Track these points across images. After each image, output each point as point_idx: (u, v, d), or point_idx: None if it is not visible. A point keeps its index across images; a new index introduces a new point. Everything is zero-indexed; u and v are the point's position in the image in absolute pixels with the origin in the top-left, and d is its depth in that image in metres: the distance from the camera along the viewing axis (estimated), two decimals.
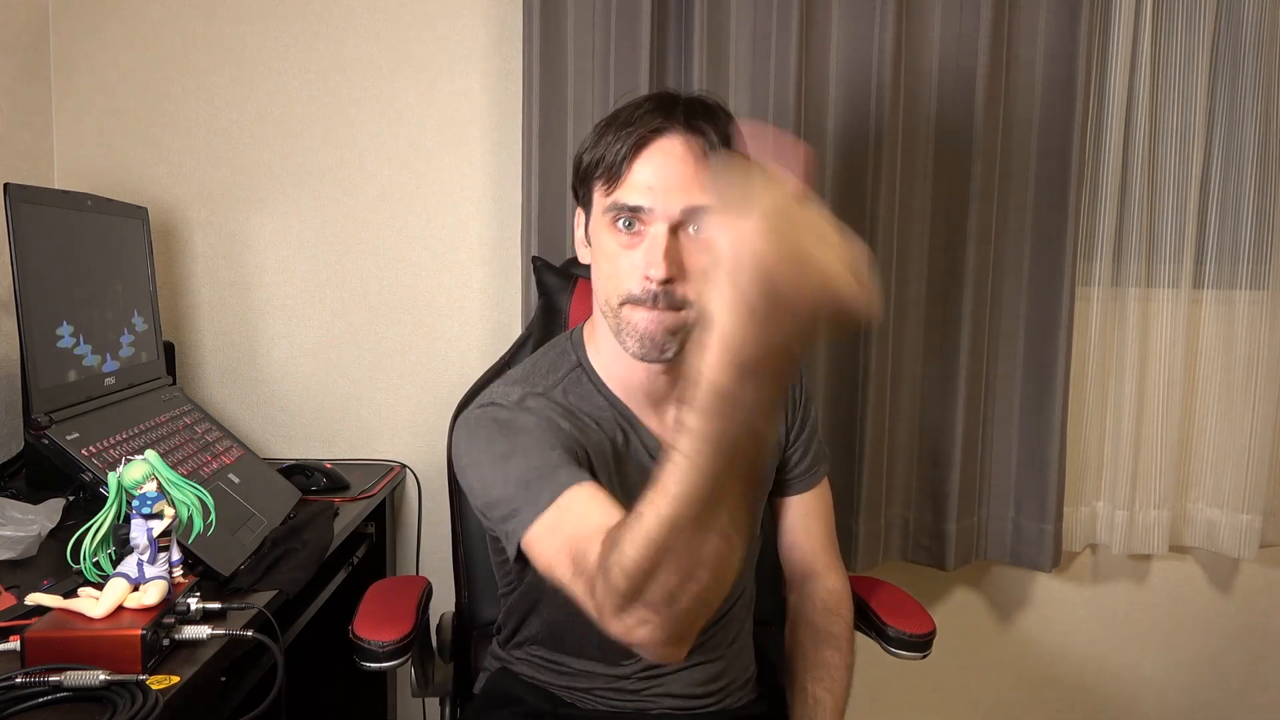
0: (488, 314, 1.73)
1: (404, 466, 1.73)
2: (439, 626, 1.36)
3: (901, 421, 1.69)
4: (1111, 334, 1.76)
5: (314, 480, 1.48)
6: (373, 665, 1.12)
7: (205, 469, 1.26)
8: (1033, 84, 1.63)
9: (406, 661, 1.15)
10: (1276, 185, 1.72)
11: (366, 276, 1.72)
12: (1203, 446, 1.79)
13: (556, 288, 1.39)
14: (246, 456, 1.40)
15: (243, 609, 1.01)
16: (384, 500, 1.61)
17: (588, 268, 1.07)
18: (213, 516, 0.98)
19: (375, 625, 1.15)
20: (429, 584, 1.31)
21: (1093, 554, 1.83)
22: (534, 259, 1.48)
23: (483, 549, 1.22)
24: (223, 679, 1.01)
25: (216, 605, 0.97)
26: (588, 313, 1.13)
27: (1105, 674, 1.84)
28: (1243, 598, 1.84)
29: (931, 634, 1.23)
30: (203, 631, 0.92)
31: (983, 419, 1.70)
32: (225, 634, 0.93)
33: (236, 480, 1.29)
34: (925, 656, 1.23)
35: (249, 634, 0.94)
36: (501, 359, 1.38)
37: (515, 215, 1.65)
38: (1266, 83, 1.69)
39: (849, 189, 1.61)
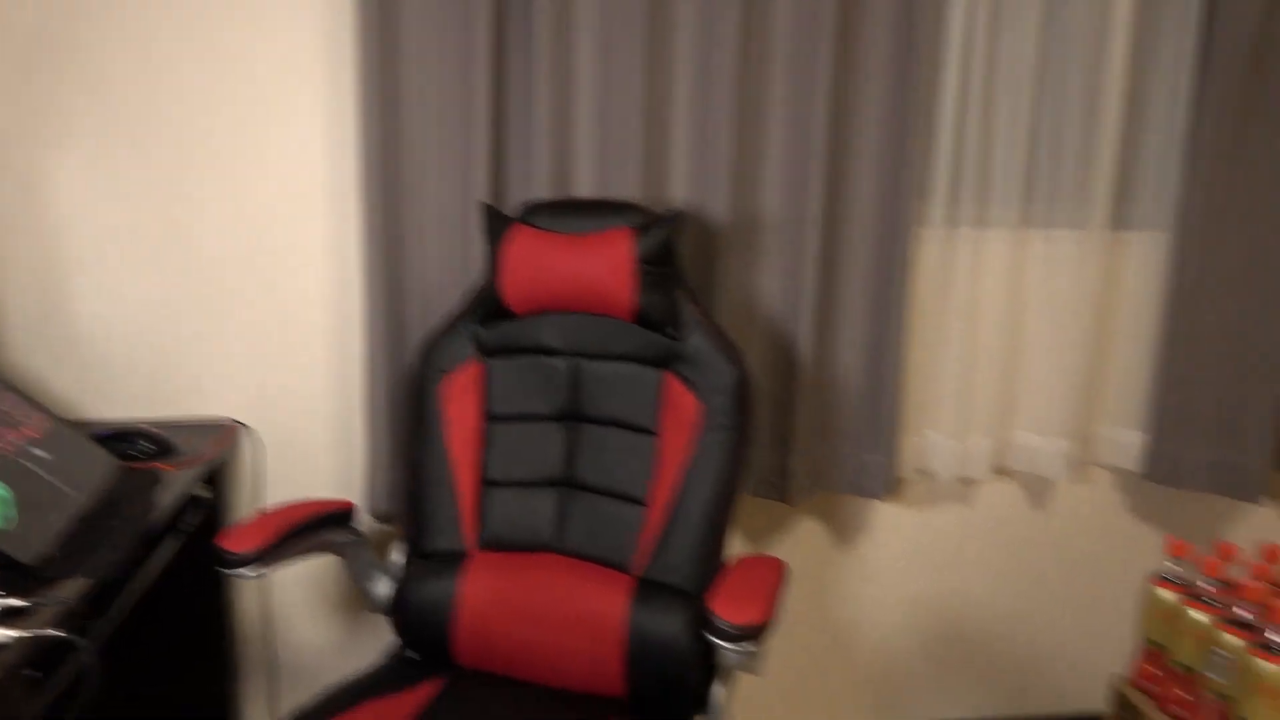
0: (330, 263, 1.65)
1: (242, 424, 1.65)
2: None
3: (751, 364, 1.72)
4: (946, 273, 1.83)
5: (135, 446, 1.39)
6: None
7: (3, 447, 1.16)
8: (875, 36, 1.64)
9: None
10: (1098, 131, 1.80)
11: (196, 225, 1.60)
12: (1025, 378, 1.91)
13: (497, 234, 1.43)
14: (55, 427, 1.30)
15: (45, 605, 0.94)
16: (221, 462, 1.54)
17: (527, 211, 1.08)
18: (10, 511, 0.90)
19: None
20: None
21: (925, 480, 1.94)
22: (484, 205, 1.47)
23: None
24: (38, 674, 0.95)
25: (18, 602, 0.91)
26: (522, 260, 1.19)
27: (938, 591, 1.98)
28: (1058, 515, 2.00)
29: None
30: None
31: (827, 359, 1.75)
32: (25, 635, 0.87)
33: (43, 455, 1.19)
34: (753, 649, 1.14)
35: (53, 633, 0.88)
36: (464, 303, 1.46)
37: (354, 161, 1.57)
38: (1095, 28, 1.76)
39: (701, 132, 1.60)
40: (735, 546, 1.88)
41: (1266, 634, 1.17)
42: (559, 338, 1.45)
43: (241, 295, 1.64)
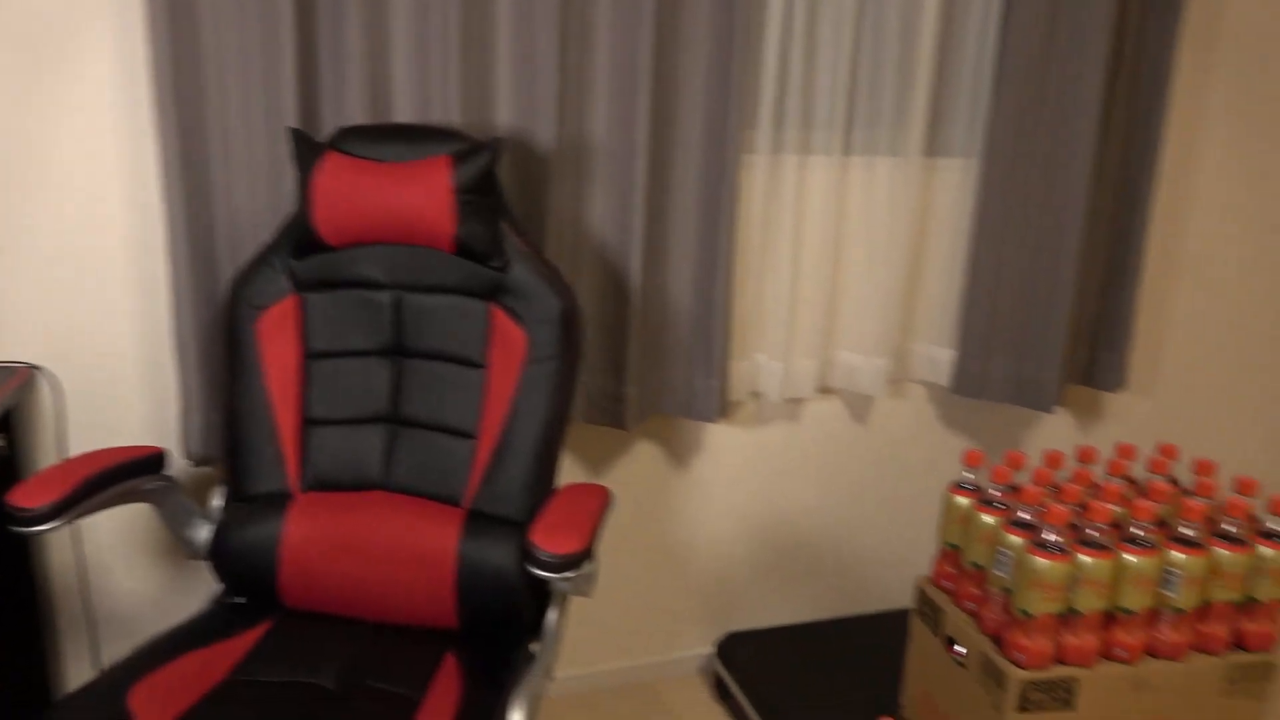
0: (126, 187, 1.52)
1: (36, 368, 1.53)
2: None
3: (581, 293, 1.73)
4: (772, 200, 1.87)
5: None
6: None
7: None
8: None
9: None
10: (915, 60, 1.86)
11: None
12: (847, 301, 2.00)
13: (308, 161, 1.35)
14: None
15: None
16: (11, 409, 1.43)
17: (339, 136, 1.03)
18: None
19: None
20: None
21: (756, 401, 2.01)
22: (292, 130, 1.39)
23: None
24: None
25: None
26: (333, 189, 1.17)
27: (769, 505, 2.08)
28: (877, 428, 2.13)
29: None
30: None
31: (658, 286, 1.77)
32: None
33: None
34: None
35: None
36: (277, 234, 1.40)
37: (146, 79, 1.45)
38: None
39: (525, 57, 1.56)
40: (573, 473, 1.91)
41: (1042, 534, 1.30)
42: (380, 270, 1.41)
43: (26, 225, 1.50)
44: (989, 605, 1.39)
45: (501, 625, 1.36)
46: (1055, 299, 1.97)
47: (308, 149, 1.37)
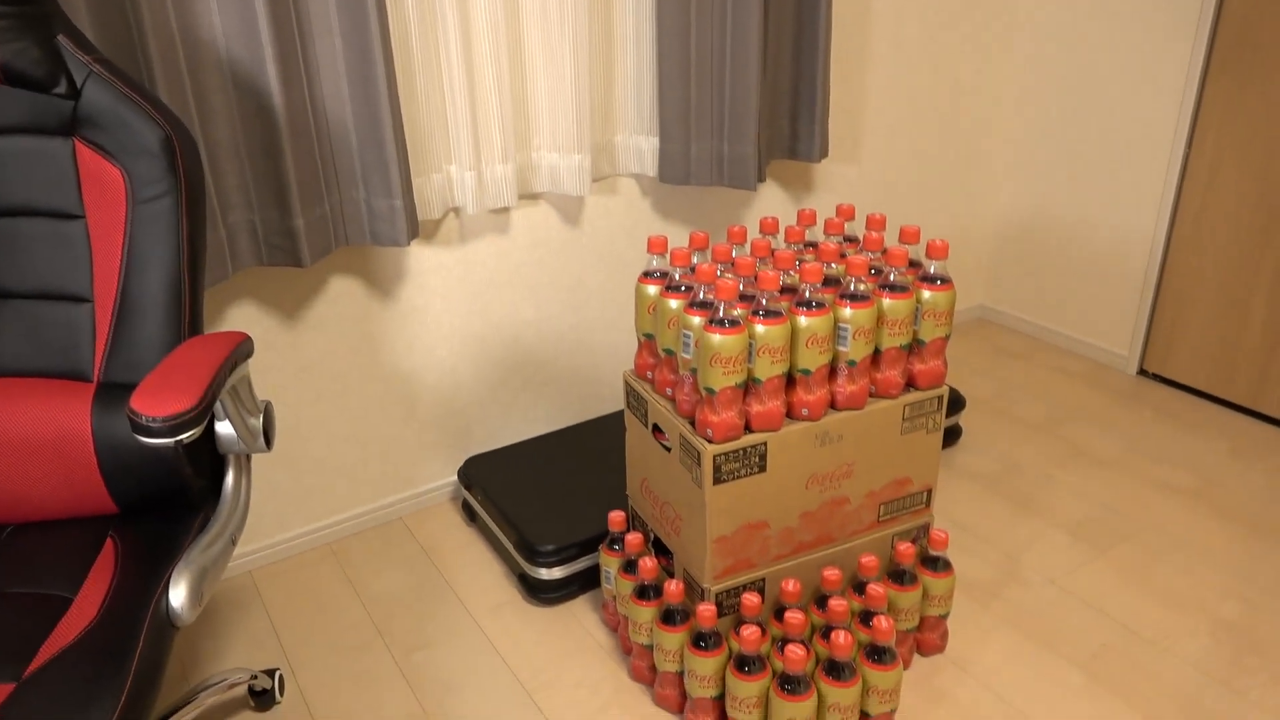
0: None
1: None
2: None
3: (214, 119, 1.50)
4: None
5: None
6: None
7: None
8: None
9: None
10: None
11: None
12: (535, 97, 1.87)
13: None
14: None
15: None
16: None
17: None
18: None
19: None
20: None
21: (456, 216, 1.89)
22: None
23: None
24: None
25: None
26: None
27: (490, 324, 2.00)
28: (591, 229, 2.07)
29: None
30: None
31: (307, 105, 1.57)
32: None
33: None
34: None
35: None
36: None
37: None
38: None
39: None
40: (266, 324, 1.74)
41: (720, 312, 1.29)
42: None
43: None
44: (682, 388, 1.40)
45: (166, 500, 1.24)
46: (746, 75, 1.93)
47: None
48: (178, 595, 1.08)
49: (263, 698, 1.55)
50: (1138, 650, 1.60)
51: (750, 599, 1.36)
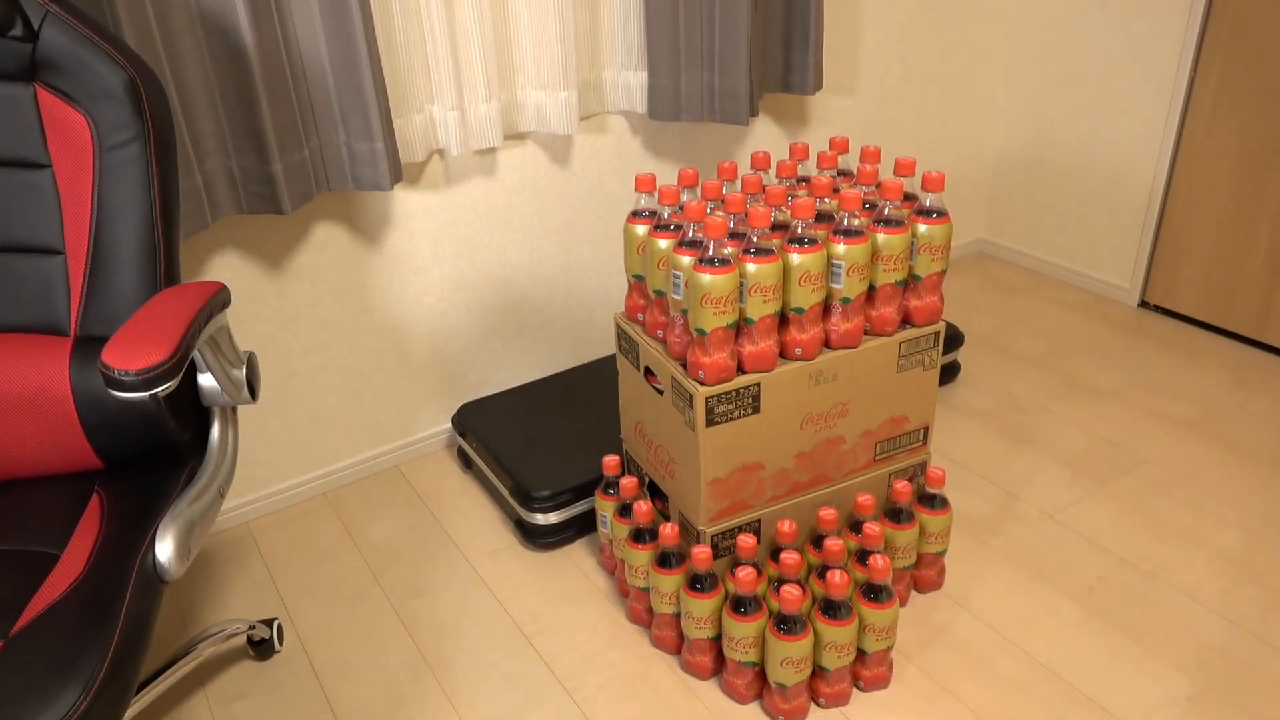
0: None
1: None
2: None
3: (183, 62, 1.45)
4: None
5: None
6: None
7: None
8: None
9: None
10: None
11: None
12: (518, 33, 1.81)
13: None
14: None
15: None
16: None
17: None
18: None
19: None
20: None
21: (441, 159, 1.84)
22: None
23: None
24: None
25: None
26: None
27: (481, 268, 1.97)
28: (581, 169, 2.02)
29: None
30: None
31: (281, 46, 1.52)
32: None
33: None
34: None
35: None
36: None
37: None
38: None
39: None
40: (250, 273, 1.71)
41: (710, 251, 1.25)
42: None
43: None
44: (673, 330, 1.37)
45: (152, 455, 1.22)
46: (736, 4, 1.86)
47: None
48: (164, 549, 1.07)
49: (262, 647, 1.55)
50: (1135, 582, 1.60)
51: (746, 540, 1.35)
